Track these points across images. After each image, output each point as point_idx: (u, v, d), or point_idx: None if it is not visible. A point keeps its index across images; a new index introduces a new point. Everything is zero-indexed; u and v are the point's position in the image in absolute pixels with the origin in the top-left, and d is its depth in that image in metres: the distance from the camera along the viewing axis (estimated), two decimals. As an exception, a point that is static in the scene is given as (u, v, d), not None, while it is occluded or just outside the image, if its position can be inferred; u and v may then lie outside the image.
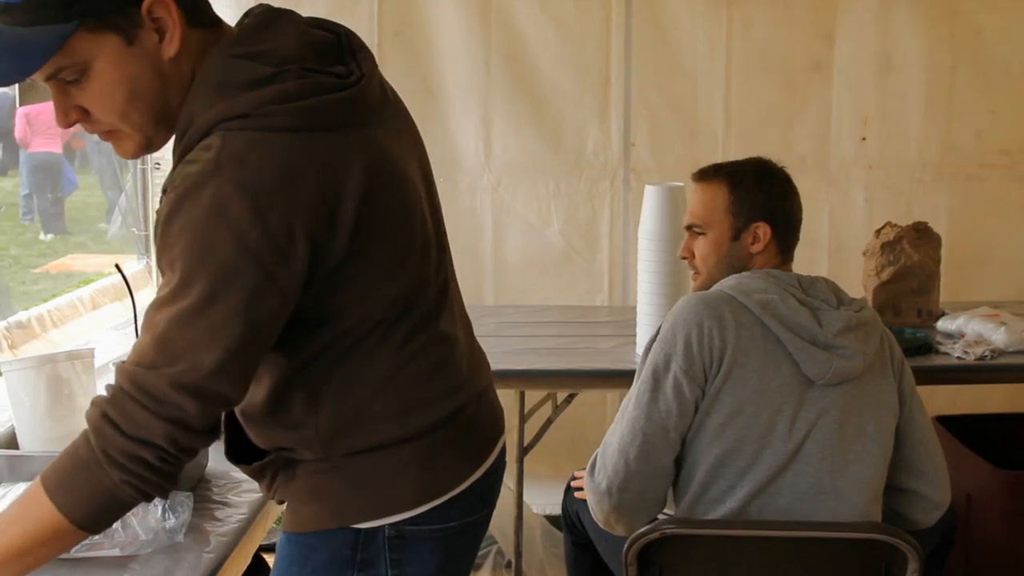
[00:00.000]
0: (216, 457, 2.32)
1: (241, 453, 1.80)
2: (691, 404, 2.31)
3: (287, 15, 1.64)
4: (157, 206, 4.30)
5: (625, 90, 4.32)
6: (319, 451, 1.69)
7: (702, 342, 2.30)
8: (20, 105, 3.18)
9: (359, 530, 1.70)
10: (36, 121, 11.35)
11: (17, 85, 3.23)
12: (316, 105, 1.52)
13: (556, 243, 4.33)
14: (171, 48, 1.52)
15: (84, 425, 1.81)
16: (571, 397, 3.53)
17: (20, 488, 2.04)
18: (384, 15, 4.18)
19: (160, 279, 1.53)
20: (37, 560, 1.57)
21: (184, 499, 2.05)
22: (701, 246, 2.60)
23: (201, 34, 1.56)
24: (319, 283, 1.55)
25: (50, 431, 2.15)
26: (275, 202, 1.46)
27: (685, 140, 4.40)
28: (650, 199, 3.24)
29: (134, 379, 1.48)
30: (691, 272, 2.67)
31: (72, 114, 1.56)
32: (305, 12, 1.71)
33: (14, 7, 1.44)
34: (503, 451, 1.90)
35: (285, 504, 1.79)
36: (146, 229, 4.44)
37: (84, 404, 2.16)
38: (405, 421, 1.69)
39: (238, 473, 2.24)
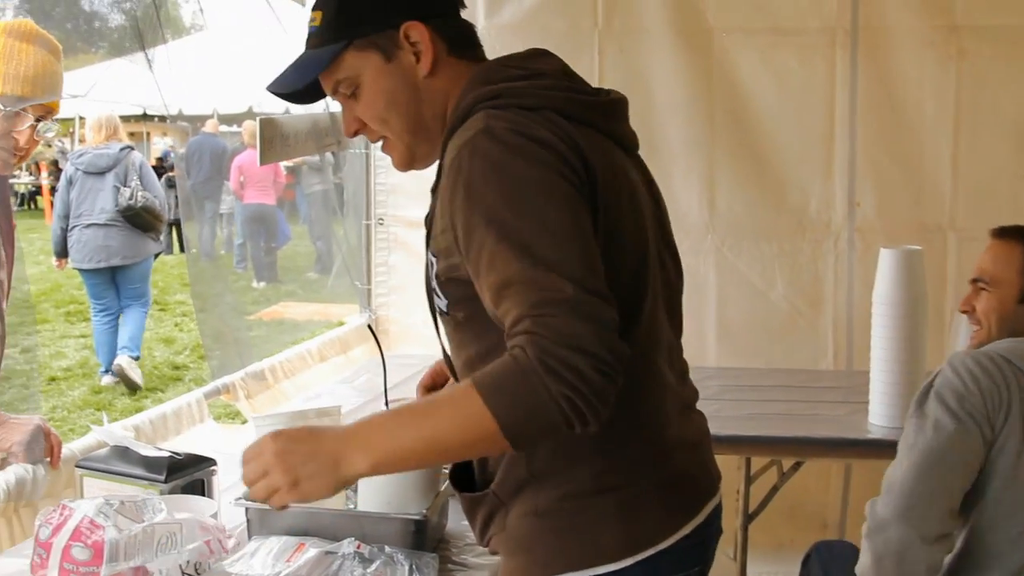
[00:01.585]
0: (454, 518, 2.34)
1: (463, 481, 1.84)
2: (978, 445, 2.24)
3: (555, 56, 1.82)
4: (380, 261, 4.42)
5: (850, 147, 4.20)
6: (522, 466, 1.70)
7: (991, 390, 2.25)
8: (261, 163, 3.35)
9: None
10: (248, 173, 11.88)
11: (259, 143, 3.38)
12: (560, 97, 1.69)
13: (780, 306, 4.21)
14: (424, 67, 1.75)
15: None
16: (797, 465, 3.43)
17: (271, 542, 2.07)
18: (606, 72, 4.20)
19: (468, 242, 1.57)
20: (455, 455, 1.68)
21: (430, 560, 2.06)
22: (984, 302, 2.53)
23: (462, 64, 1.78)
24: None
25: (298, 486, 2.18)
26: (546, 140, 1.60)
27: (911, 200, 4.23)
28: (886, 263, 3.13)
29: (543, 303, 1.48)
30: (973, 327, 2.59)
31: (353, 124, 1.82)
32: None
33: (312, 34, 1.79)
34: (717, 511, 1.85)
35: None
36: (368, 283, 4.55)
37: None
38: (602, 447, 1.67)
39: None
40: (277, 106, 13.38)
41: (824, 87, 4.21)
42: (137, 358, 8.32)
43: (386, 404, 2.20)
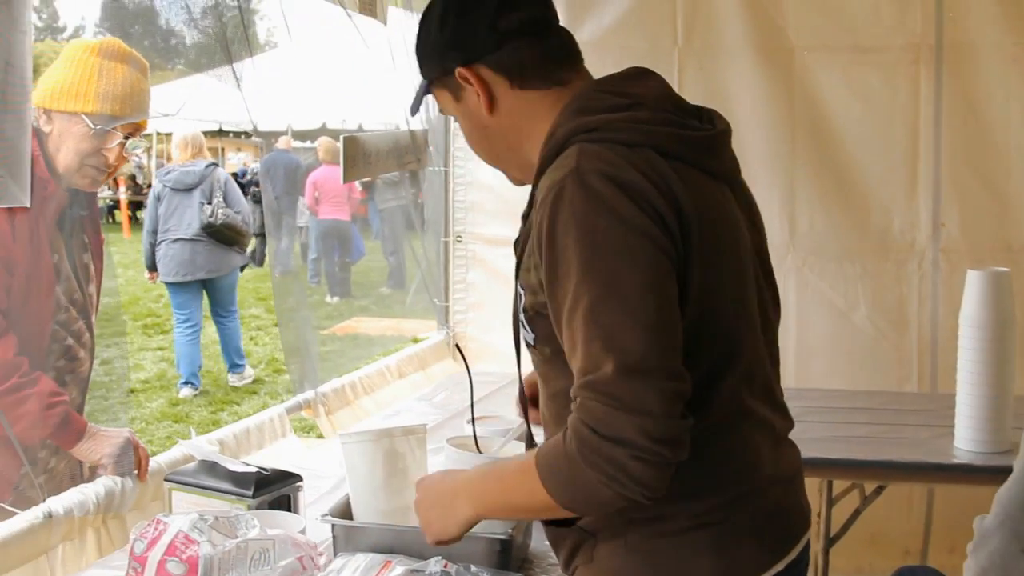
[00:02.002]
0: (538, 538, 2.33)
1: None
2: None
3: (657, 75, 1.80)
4: (458, 278, 4.45)
5: (934, 167, 4.14)
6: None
7: None
8: (345, 180, 3.41)
9: None
10: (323, 188, 11.99)
11: (342, 162, 3.42)
12: (661, 133, 1.66)
13: (863, 327, 4.16)
14: (483, 106, 1.78)
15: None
16: (880, 489, 3.37)
17: (358, 559, 2.08)
18: (685, 90, 4.08)
19: (551, 292, 1.60)
20: (536, 516, 1.96)
21: (513, 581, 2.05)
22: None
23: (531, 94, 1.77)
24: None
25: (384, 503, 2.19)
26: (636, 188, 1.57)
27: (998, 221, 4.16)
28: (974, 285, 3.07)
29: (587, 385, 1.52)
30: None
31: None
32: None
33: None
34: (807, 548, 1.84)
35: None
36: (446, 300, 4.56)
37: (417, 478, 2.21)
38: (695, 489, 1.66)
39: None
40: (350, 122, 13.47)
41: (908, 105, 4.15)
42: (243, 366, 8.87)
43: (472, 421, 2.21)
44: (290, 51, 10.43)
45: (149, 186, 19.94)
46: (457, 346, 2.28)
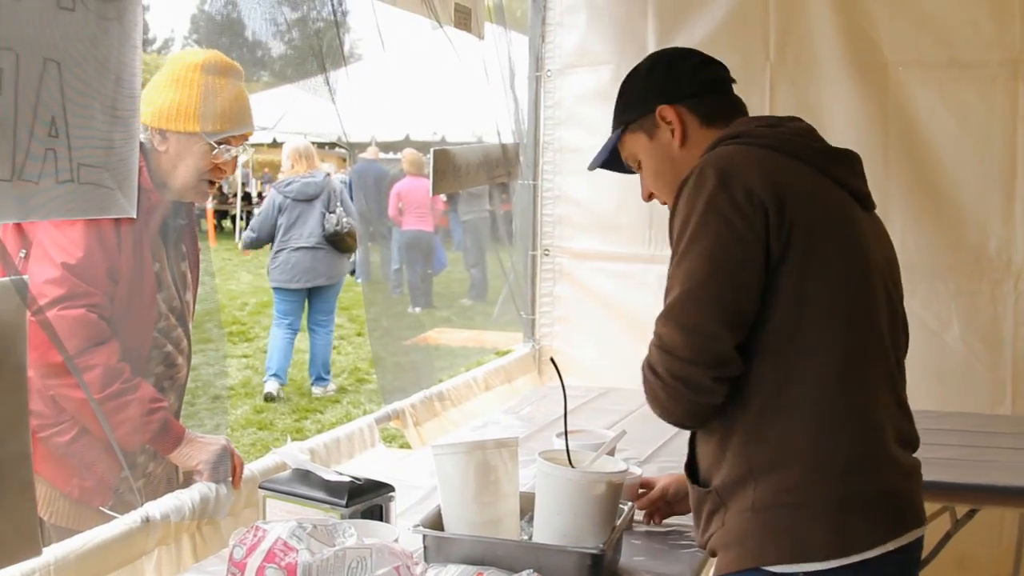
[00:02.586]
0: (627, 553, 2.33)
1: (693, 472, 2.13)
2: None
3: (804, 121, 2.14)
4: (545, 291, 4.49)
5: (1033, 184, 4.05)
6: (743, 463, 1.94)
7: None
8: (434, 193, 3.45)
9: (772, 574, 1.91)
10: (407, 200, 12.06)
11: (431, 174, 3.46)
12: (792, 140, 2.04)
13: (955, 348, 4.08)
14: (676, 141, 2.17)
15: (506, 513, 2.20)
16: (972, 512, 3.30)
17: (449, 570, 2.09)
18: (777, 107, 4.14)
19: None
20: None
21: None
22: None
23: (715, 131, 2.13)
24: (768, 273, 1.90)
25: (476, 515, 2.20)
26: (738, 176, 1.91)
27: (1099, 239, 4.06)
28: (1074, 306, 3.01)
29: (655, 323, 1.96)
30: None
31: (645, 192, 2.29)
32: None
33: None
34: (920, 543, 2.04)
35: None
36: (533, 313, 4.57)
37: (508, 491, 2.23)
38: (816, 446, 1.90)
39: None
40: (434, 134, 13.49)
41: (1005, 122, 4.07)
42: (328, 380, 9.06)
43: (565, 435, 2.21)
44: (375, 63, 10.53)
45: (235, 195, 20.30)
46: (552, 360, 2.31)
